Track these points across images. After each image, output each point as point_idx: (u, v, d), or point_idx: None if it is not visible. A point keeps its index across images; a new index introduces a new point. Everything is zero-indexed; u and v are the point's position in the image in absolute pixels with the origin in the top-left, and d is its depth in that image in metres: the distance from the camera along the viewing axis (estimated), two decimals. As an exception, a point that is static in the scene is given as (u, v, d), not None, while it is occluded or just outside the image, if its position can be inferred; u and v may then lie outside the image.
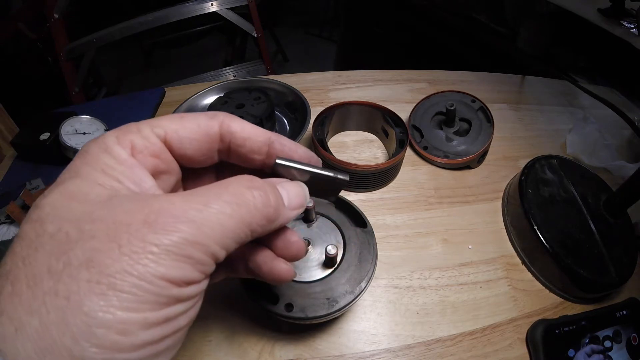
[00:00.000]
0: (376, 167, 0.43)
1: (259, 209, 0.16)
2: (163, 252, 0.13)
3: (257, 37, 1.26)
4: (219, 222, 0.15)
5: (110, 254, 0.13)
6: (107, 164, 0.15)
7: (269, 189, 0.17)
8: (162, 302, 0.13)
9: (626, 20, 0.58)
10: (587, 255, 0.38)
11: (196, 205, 0.14)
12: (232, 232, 0.15)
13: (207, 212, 0.14)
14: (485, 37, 0.95)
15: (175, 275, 0.13)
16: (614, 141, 0.54)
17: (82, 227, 0.13)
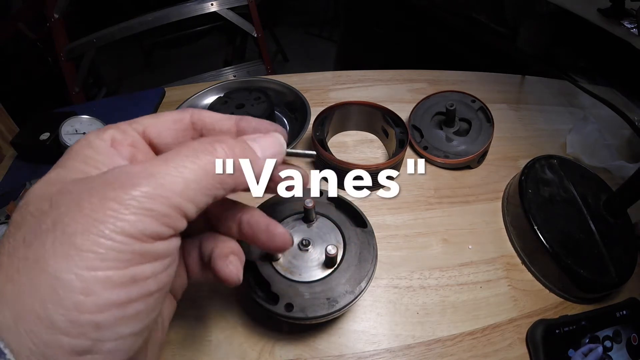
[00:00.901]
0: (376, 167, 0.43)
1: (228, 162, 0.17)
2: (122, 207, 0.13)
3: (257, 37, 1.26)
4: (180, 174, 0.15)
5: (73, 216, 0.13)
6: (87, 155, 0.16)
7: (234, 142, 0.17)
8: (126, 259, 0.13)
9: (626, 20, 0.58)
10: (587, 255, 0.38)
11: (156, 162, 0.15)
12: (197, 184, 0.15)
13: (167, 166, 0.15)
14: (485, 37, 0.95)
15: (137, 230, 0.13)
16: (614, 141, 0.54)
17: (53, 200, 0.14)
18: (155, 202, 0.14)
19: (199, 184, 0.15)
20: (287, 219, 0.34)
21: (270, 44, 2.05)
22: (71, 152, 0.16)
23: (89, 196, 0.13)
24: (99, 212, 0.13)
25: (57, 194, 0.14)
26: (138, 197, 0.13)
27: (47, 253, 0.12)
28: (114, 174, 0.14)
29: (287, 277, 0.31)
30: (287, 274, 0.31)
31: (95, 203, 0.13)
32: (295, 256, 0.32)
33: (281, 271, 0.31)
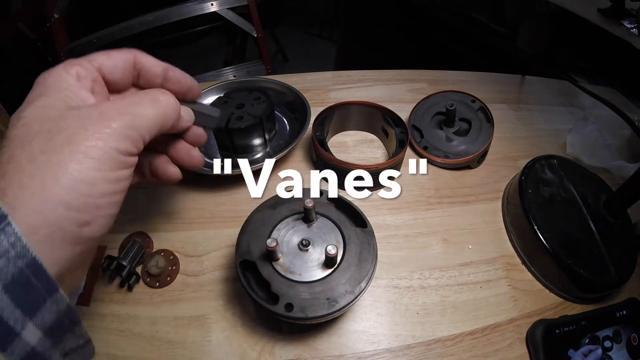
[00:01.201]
0: (376, 167, 0.43)
1: (169, 109, 0.24)
2: (113, 132, 0.20)
3: (257, 37, 1.26)
4: (146, 114, 0.22)
5: (82, 134, 0.19)
6: (63, 88, 0.21)
7: (173, 98, 0.25)
8: (115, 166, 0.20)
9: (626, 20, 0.58)
10: (587, 255, 0.38)
11: (131, 103, 0.22)
12: (153, 122, 0.23)
13: (138, 107, 0.22)
14: (485, 37, 0.95)
15: (122, 147, 0.20)
16: (614, 141, 0.54)
17: (59, 124, 0.19)
18: (131, 131, 0.21)
19: (155, 121, 0.23)
20: (287, 218, 0.34)
21: (270, 44, 2.05)
22: (47, 84, 0.21)
23: (91, 123, 0.19)
24: (98, 134, 0.19)
25: (59, 119, 0.19)
26: (122, 126, 0.20)
27: (66, 159, 0.18)
28: (105, 107, 0.21)
29: (287, 277, 0.31)
30: (287, 274, 0.31)
31: (96, 128, 0.19)
32: (295, 256, 0.32)
33: (281, 271, 0.31)
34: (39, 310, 0.17)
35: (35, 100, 0.20)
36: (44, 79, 0.21)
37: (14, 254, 0.16)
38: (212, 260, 0.40)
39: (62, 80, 0.21)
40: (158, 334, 0.34)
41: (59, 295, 0.18)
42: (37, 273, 0.17)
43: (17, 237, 0.16)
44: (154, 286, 0.37)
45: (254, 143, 0.47)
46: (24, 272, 0.16)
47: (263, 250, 0.32)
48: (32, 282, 0.16)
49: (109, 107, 0.21)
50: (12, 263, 0.16)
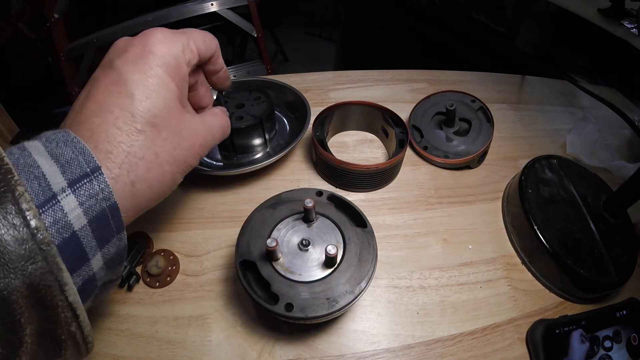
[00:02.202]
0: (376, 167, 0.43)
1: (226, 135, 0.32)
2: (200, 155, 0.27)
3: (257, 37, 1.27)
4: (216, 141, 0.30)
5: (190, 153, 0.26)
6: (179, 77, 0.25)
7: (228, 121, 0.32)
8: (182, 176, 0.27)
9: (626, 20, 0.58)
10: (587, 255, 0.38)
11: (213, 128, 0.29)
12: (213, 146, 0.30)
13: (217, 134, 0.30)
14: (485, 37, 0.95)
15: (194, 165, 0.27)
16: (614, 141, 0.54)
17: (181, 134, 0.25)
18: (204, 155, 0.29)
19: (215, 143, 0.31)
20: (287, 218, 0.34)
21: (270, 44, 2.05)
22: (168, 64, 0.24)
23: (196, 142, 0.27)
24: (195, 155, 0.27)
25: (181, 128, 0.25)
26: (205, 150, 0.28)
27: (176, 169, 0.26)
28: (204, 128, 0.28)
29: (287, 277, 0.31)
30: (287, 274, 0.31)
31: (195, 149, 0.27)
32: (295, 256, 0.32)
33: (281, 271, 0.31)
34: (107, 244, 0.21)
35: (161, 91, 0.23)
36: (166, 55, 0.24)
37: (101, 197, 0.20)
38: (212, 260, 0.40)
39: (180, 67, 0.25)
40: (158, 334, 0.34)
41: (123, 234, 0.21)
42: (114, 214, 0.20)
43: (106, 184, 0.20)
44: (154, 286, 0.37)
45: (254, 143, 0.47)
46: (106, 211, 0.20)
47: (263, 250, 0.32)
48: (109, 220, 0.20)
49: (206, 136, 0.28)
50: (98, 203, 0.20)
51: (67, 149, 0.20)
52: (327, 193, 0.37)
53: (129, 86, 0.22)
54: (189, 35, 0.26)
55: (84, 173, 0.19)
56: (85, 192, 0.19)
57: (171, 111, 0.24)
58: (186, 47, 0.25)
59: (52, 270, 0.17)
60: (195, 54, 0.26)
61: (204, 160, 0.47)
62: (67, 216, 0.18)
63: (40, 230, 0.16)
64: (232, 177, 0.47)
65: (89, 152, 0.20)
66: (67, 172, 0.19)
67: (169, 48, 0.24)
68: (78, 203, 0.19)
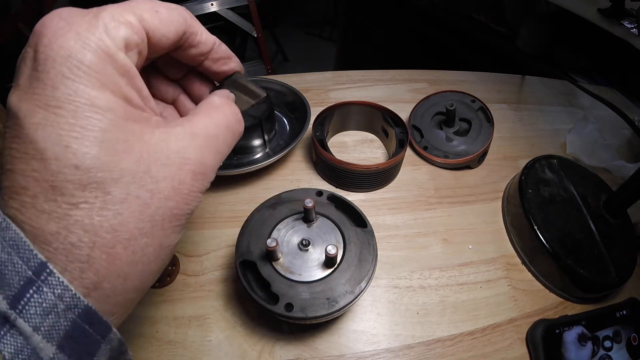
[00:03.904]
0: (376, 167, 0.43)
1: (237, 136, 0.21)
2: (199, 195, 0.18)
3: (257, 37, 1.27)
4: (226, 151, 0.19)
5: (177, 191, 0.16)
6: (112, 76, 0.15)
7: (240, 118, 0.21)
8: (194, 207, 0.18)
9: (626, 20, 0.58)
10: (587, 255, 0.38)
11: (215, 142, 0.18)
12: (225, 155, 0.19)
13: (223, 146, 0.19)
14: (485, 37, 0.95)
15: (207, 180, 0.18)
16: (614, 141, 0.54)
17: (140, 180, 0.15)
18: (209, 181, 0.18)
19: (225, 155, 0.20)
20: (287, 218, 0.34)
21: (270, 44, 2.05)
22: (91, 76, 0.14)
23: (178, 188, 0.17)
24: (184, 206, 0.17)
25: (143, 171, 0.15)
26: (207, 182, 0.18)
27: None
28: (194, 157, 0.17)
29: (287, 277, 0.31)
30: (287, 274, 0.31)
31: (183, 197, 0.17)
32: (295, 256, 0.32)
33: (281, 271, 0.31)
34: (95, 356, 0.15)
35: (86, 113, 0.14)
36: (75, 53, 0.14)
37: (63, 307, 0.14)
38: (212, 260, 0.40)
39: (113, 59, 0.15)
40: (158, 334, 0.34)
41: (112, 334, 0.15)
42: (92, 320, 0.14)
43: (64, 286, 0.14)
44: (154, 286, 0.37)
45: (253, 144, 0.47)
46: (77, 323, 0.14)
47: (263, 250, 0.32)
48: (87, 331, 0.14)
49: (195, 140, 0.17)
50: (62, 317, 0.13)
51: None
52: (327, 193, 0.37)
53: (32, 138, 0.14)
54: (122, 5, 0.16)
55: (27, 280, 0.13)
56: (36, 310, 0.13)
57: (117, 145, 0.14)
58: (113, 24, 0.15)
59: None
60: (137, 28, 0.16)
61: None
62: (30, 341, 0.13)
63: None
64: (232, 177, 0.47)
65: (23, 242, 0.13)
66: (3, 286, 0.13)
67: (78, 37, 0.14)
68: (32, 328, 0.13)
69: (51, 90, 0.14)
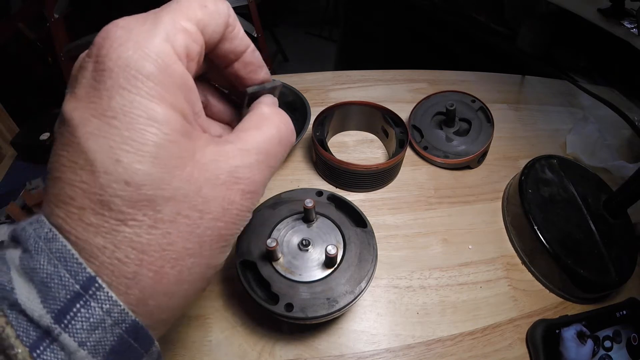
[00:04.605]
0: (376, 167, 0.43)
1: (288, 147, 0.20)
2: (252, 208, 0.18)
3: (257, 37, 1.26)
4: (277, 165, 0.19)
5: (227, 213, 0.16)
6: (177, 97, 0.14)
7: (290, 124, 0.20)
8: None
9: (626, 20, 0.58)
10: (587, 255, 0.38)
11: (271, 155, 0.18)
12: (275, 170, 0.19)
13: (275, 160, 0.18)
14: (485, 37, 0.95)
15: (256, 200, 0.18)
16: (614, 141, 0.54)
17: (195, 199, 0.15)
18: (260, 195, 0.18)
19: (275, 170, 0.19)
20: (287, 218, 0.34)
21: (270, 44, 2.05)
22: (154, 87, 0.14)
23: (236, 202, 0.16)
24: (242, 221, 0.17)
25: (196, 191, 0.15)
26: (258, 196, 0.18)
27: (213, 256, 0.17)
28: (229, 171, 0.16)
29: (287, 277, 0.31)
30: (287, 274, 0.31)
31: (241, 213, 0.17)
32: (295, 256, 0.32)
33: (281, 271, 0.31)
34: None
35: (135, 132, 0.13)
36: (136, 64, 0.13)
37: (111, 322, 0.13)
38: (212, 260, 0.40)
39: (172, 70, 0.14)
40: (158, 334, 0.34)
41: (154, 346, 0.15)
42: (138, 335, 0.14)
43: (112, 301, 0.13)
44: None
45: (254, 143, 0.47)
46: (124, 338, 0.14)
47: (263, 250, 0.32)
48: (132, 345, 0.14)
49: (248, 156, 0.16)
50: (109, 332, 0.13)
51: (41, 256, 0.13)
52: (327, 193, 0.37)
53: (83, 148, 0.13)
54: (175, 9, 0.15)
55: (74, 294, 0.13)
56: (83, 325, 0.13)
57: (170, 162, 0.14)
58: (175, 30, 0.14)
59: None
60: (195, 34, 0.15)
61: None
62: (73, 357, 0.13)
63: None
64: (232, 177, 0.46)
65: (71, 254, 0.13)
66: (48, 299, 0.13)
67: (137, 46, 0.13)
68: (77, 344, 0.13)
69: (107, 100, 0.13)
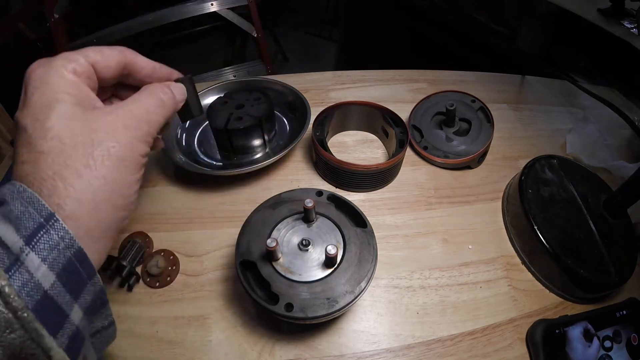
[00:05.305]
0: (376, 167, 0.43)
1: (171, 106, 0.27)
2: (138, 141, 0.23)
3: (257, 37, 1.27)
4: (157, 120, 0.25)
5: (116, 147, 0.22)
6: (68, 88, 0.22)
7: (170, 92, 0.27)
8: (140, 167, 0.24)
9: (626, 20, 0.58)
10: (587, 255, 0.38)
11: (143, 111, 0.25)
12: (162, 122, 0.26)
13: (151, 115, 0.25)
14: (485, 37, 0.95)
15: (143, 152, 0.24)
16: (614, 141, 0.54)
17: (90, 137, 0.21)
18: (149, 137, 0.25)
19: (160, 121, 0.26)
20: (287, 218, 0.34)
21: (270, 44, 2.05)
22: (50, 82, 0.22)
23: (119, 135, 0.22)
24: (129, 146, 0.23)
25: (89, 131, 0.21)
26: (143, 135, 0.24)
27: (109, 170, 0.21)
28: (125, 117, 0.23)
29: (287, 277, 0.31)
30: (287, 274, 0.31)
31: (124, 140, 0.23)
32: (295, 256, 0.32)
33: (281, 271, 0.31)
34: (81, 293, 0.20)
35: (50, 105, 0.21)
36: (45, 76, 0.22)
37: (63, 246, 0.19)
38: (212, 260, 0.40)
39: (64, 79, 0.22)
40: (158, 334, 0.34)
41: (96, 278, 0.21)
42: (82, 260, 0.19)
43: (65, 230, 0.19)
44: (154, 286, 0.37)
45: (253, 144, 0.47)
46: (72, 260, 0.19)
47: (263, 250, 0.32)
48: (78, 268, 0.19)
49: (128, 116, 0.24)
50: (62, 254, 0.18)
51: (16, 202, 0.18)
52: (327, 193, 0.37)
53: (21, 124, 0.21)
54: (76, 52, 0.24)
55: (38, 224, 0.18)
56: (45, 245, 0.18)
57: (69, 117, 0.21)
58: (67, 60, 0.23)
59: (32, 337, 0.16)
60: (83, 63, 0.24)
61: (204, 160, 0.47)
62: (34, 276, 0.17)
63: (12, 297, 0.16)
64: (232, 177, 0.47)
65: (37, 199, 0.19)
66: (20, 229, 0.18)
67: (45, 68, 0.22)
68: (40, 259, 0.18)
69: (29, 96, 0.22)
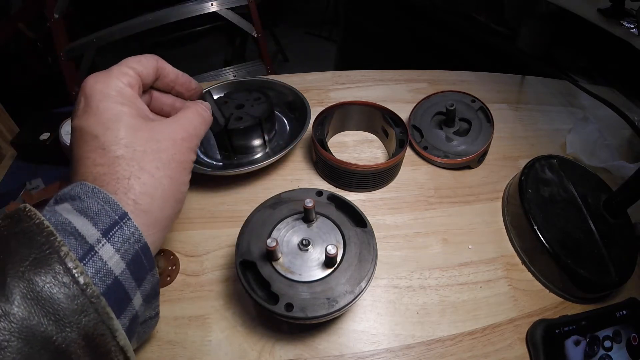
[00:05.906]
0: (376, 167, 0.43)
1: (209, 120, 0.32)
2: (192, 150, 0.28)
3: (257, 37, 1.26)
4: (201, 133, 0.30)
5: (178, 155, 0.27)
6: (129, 100, 0.26)
7: (209, 109, 0.32)
8: (190, 171, 0.28)
9: (626, 20, 0.58)
10: (587, 255, 0.38)
11: (193, 124, 0.29)
12: (203, 135, 0.30)
13: (198, 129, 0.29)
14: (485, 37, 0.95)
15: (194, 158, 0.29)
16: (614, 141, 0.54)
17: (157, 145, 0.26)
18: (196, 147, 0.29)
19: (204, 133, 0.31)
20: (287, 218, 0.34)
21: (270, 44, 2.05)
22: (110, 96, 0.25)
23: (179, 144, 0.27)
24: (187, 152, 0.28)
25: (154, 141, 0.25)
26: (194, 146, 0.29)
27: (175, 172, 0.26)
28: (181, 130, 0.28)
29: (287, 277, 0.31)
30: (287, 273, 0.31)
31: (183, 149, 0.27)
32: (295, 256, 0.32)
33: (281, 271, 0.31)
34: (144, 281, 0.23)
35: (118, 117, 0.25)
36: (106, 90, 0.25)
37: (133, 240, 0.22)
38: (212, 260, 0.40)
39: (123, 93, 0.26)
40: (158, 334, 0.34)
41: (155, 270, 0.24)
42: (146, 253, 0.23)
43: (135, 228, 0.22)
44: (154, 286, 0.37)
45: (253, 144, 0.47)
46: (139, 253, 0.22)
47: (263, 250, 0.32)
48: (142, 260, 0.23)
49: (183, 129, 0.28)
50: (132, 246, 0.22)
51: (91, 200, 0.22)
52: (327, 193, 0.37)
53: (90, 132, 0.24)
54: (122, 63, 0.27)
55: (114, 221, 0.22)
56: (119, 239, 0.21)
57: (135, 127, 0.25)
58: (121, 74, 0.27)
59: (103, 320, 0.19)
60: (133, 75, 0.27)
61: (204, 160, 0.47)
62: (107, 264, 0.20)
63: (89, 285, 0.19)
64: (232, 177, 0.47)
65: (111, 199, 0.22)
66: (98, 224, 0.21)
67: (104, 83, 0.26)
68: (115, 250, 0.21)
69: (95, 109, 0.25)
